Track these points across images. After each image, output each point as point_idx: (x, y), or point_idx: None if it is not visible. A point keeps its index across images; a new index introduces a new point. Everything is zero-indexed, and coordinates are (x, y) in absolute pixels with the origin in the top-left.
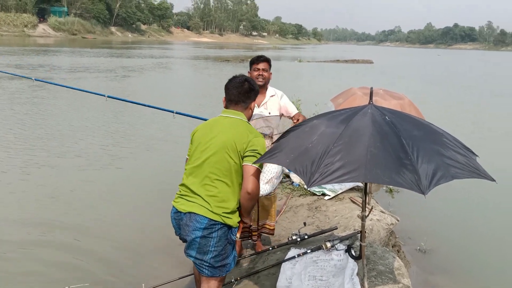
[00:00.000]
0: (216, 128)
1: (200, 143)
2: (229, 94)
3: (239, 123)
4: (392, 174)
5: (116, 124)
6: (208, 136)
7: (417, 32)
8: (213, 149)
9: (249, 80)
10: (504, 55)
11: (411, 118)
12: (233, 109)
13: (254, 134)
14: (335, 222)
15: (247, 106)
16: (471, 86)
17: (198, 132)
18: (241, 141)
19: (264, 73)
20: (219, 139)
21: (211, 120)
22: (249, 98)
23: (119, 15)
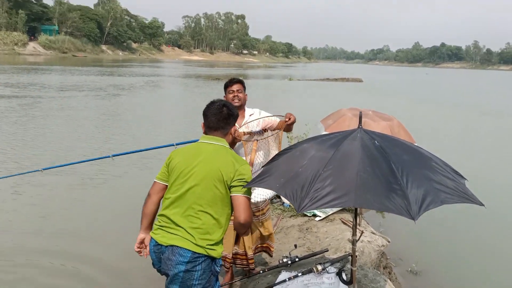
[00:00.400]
0: (199, 156)
1: (182, 171)
2: (208, 121)
3: (223, 151)
4: (382, 199)
5: (108, 143)
6: (190, 164)
7: (405, 51)
8: (197, 178)
9: (228, 105)
10: (491, 73)
11: (400, 142)
12: (213, 136)
13: (240, 162)
14: (326, 244)
15: (227, 132)
16: (459, 104)
17: (177, 159)
18: (228, 170)
19: (239, 94)
20: (204, 168)
21: (191, 146)
22: (228, 124)
23: (110, 33)
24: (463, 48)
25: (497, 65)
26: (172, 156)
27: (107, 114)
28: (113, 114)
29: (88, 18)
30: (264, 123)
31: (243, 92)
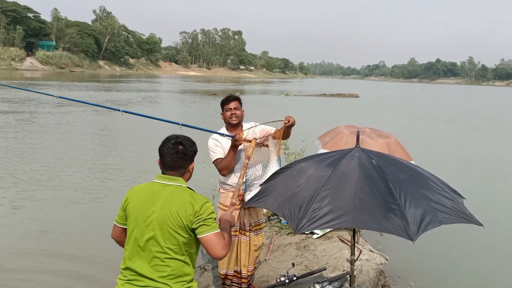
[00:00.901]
0: (156, 201)
1: (138, 217)
2: (164, 160)
3: (181, 192)
4: (380, 219)
5: (106, 157)
6: (147, 210)
7: (401, 66)
8: (156, 226)
9: (183, 141)
10: (486, 89)
11: (397, 161)
12: (170, 175)
13: (199, 202)
14: (324, 262)
15: (184, 171)
16: (455, 120)
17: (133, 203)
18: (186, 213)
19: (236, 111)
20: (162, 214)
21: (146, 186)
22: (186, 161)
23: (108, 49)
24: (458, 64)
25: (492, 81)
26: (128, 198)
27: (104, 129)
28: (110, 129)
29: (86, 34)
30: (261, 133)
31: (240, 108)
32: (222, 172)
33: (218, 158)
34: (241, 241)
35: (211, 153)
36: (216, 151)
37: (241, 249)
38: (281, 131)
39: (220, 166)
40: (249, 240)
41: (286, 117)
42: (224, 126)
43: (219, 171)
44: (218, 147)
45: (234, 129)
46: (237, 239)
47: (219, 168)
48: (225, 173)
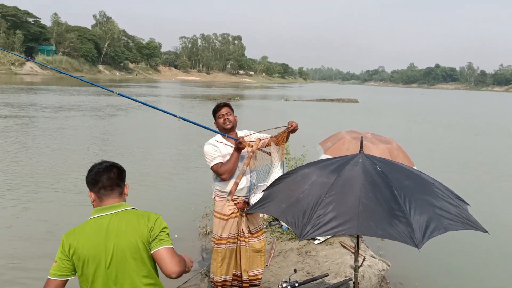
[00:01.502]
0: (108, 235)
1: (95, 258)
2: (99, 184)
3: (129, 216)
4: (385, 226)
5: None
6: (104, 248)
7: (400, 72)
8: (122, 260)
9: (115, 164)
10: (485, 94)
11: (402, 167)
12: (110, 201)
13: (152, 218)
14: (325, 268)
15: (122, 191)
16: (454, 124)
17: (83, 247)
18: (143, 234)
19: (229, 116)
20: (122, 246)
21: (89, 226)
22: (123, 180)
23: (108, 54)
24: (457, 69)
25: (491, 86)
26: (72, 245)
27: (105, 133)
28: (112, 134)
29: (86, 39)
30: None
31: (232, 114)
32: (223, 176)
33: (219, 163)
34: (241, 248)
35: (209, 158)
36: (214, 155)
37: (240, 255)
38: (284, 134)
39: (223, 169)
40: (248, 246)
41: (289, 122)
42: (218, 135)
43: (220, 175)
44: (216, 152)
45: (229, 134)
46: (236, 246)
47: (221, 171)
48: (226, 177)
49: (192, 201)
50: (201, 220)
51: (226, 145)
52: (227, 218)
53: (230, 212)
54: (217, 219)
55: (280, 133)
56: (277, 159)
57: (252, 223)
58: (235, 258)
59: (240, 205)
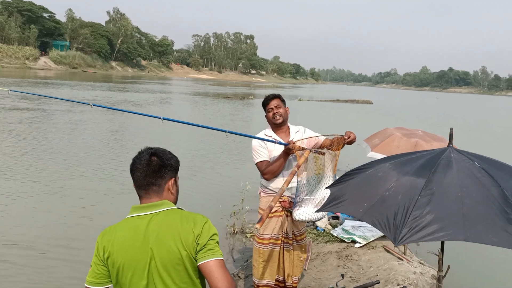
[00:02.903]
0: (147, 239)
1: (131, 266)
2: (135, 179)
3: (172, 218)
4: (498, 232)
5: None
6: (141, 254)
7: (413, 74)
8: (161, 270)
9: (158, 153)
10: (499, 99)
11: (501, 163)
12: (148, 201)
13: (199, 222)
14: (372, 274)
15: (162, 190)
16: (473, 128)
17: (118, 252)
18: (188, 242)
19: (279, 110)
20: (161, 254)
21: (126, 227)
22: (162, 177)
23: (120, 50)
24: (470, 73)
25: (505, 91)
26: (106, 248)
27: (122, 131)
28: (127, 128)
29: (99, 35)
30: (309, 142)
31: (283, 106)
32: (266, 176)
33: (264, 161)
34: (284, 250)
35: (255, 154)
36: (261, 153)
37: (284, 258)
38: (339, 140)
39: (266, 170)
40: (292, 249)
41: (346, 133)
42: (269, 127)
43: (263, 174)
44: (263, 148)
45: (280, 128)
46: (279, 248)
47: (263, 171)
48: (269, 177)
49: (219, 199)
50: (228, 219)
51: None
52: (270, 216)
53: (274, 210)
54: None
55: (336, 138)
56: (330, 169)
57: (297, 226)
58: (278, 261)
59: (285, 204)
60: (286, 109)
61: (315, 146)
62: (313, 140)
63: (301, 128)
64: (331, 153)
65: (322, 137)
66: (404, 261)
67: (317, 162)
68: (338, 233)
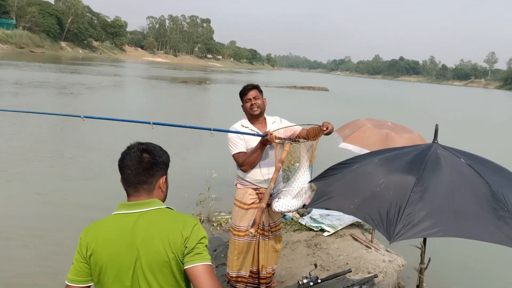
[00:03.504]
0: (133, 238)
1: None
2: (124, 177)
3: (163, 216)
4: (490, 228)
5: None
6: (127, 254)
7: (366, 63)
8: (147, 272)
9: (150, 149)
10: (446, 88)
11: (484, 159)
12: (136, 199)
13: (188, 224)
14: (342, 263)
15: (153, 188)
16: (425, 116)
17: (102, 250)
18: (177, 244)
19: (257, 101)
20: (147, 254)
21: (111, 224)
22: (153, 175)
23: (70, 30)
24: (420, 62)
25: (451, 80)
26: (90, 245)
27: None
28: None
29: (48, 14)
30: (285, 133)
31: (261, 97)
32: (243, 168)
33: (241, 152)
34: (260, 242)
35: (232, 145)
36: (237, 144)
37: (259, 250)
38: (316, 131)
39: (244, 162)
40: (268, 240)
41: (324, 123)
42: (245, 118)
43: (240, 166)
44: (240, 140)
45: (257, 119)
46: (255, 240)
47: (241, 163)
48: (246, 169)
49: (185, 187)
50: (194, 207)
51: (252, 131)
52: (247, 207)
53: (251, 202)
54: (236, 208)
55: (313, 128)
56: (306, 160)
57: (272, 217)
58: (253, 253)
59: (262, 195)
60: (263, 100)
61: (292, 136)
62: (289, 130)
63: (277, 119)
64: (307, 144)
65: (299, 127)
66: (372, 249)
67: (294, 152)
68: (306, 221)
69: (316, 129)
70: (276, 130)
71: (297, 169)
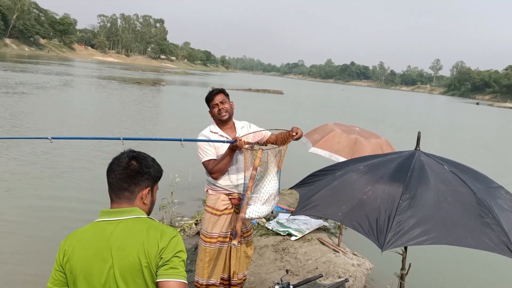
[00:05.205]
0: (109, 247)
1: (91, 276)
2: (109, 181)
3: (140, 226)
4: (477, 235)
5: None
6: (101, 263)
7: (319, 67)
8: (121, 279)
9: (139, 158)
10: (394, 93)
11: (465, 167)
12: (118, 206)
13: (166, 235)
14: (310, 267)
15: (134, 197)
16: (376, 120)
17: (77, 258)
18: (152, 254)
19: (224, 105)
20: (122, 264)
21: (91, 231)
22: (136, 184)
23: (16, 26)
24: (370, 68)
25: (399, 86)
26: (67, 253)
27: (24, 115)
28: (27, 114)
29: None
30: (254, 137)
31: (228, 101)
32: (214, 176)
33: (211, 159)
34: (231, 248)
35: (201, 152)
36: (207, 151)
37: (230, 256)
38: (285, 136)
39: (214, 169)
40: (240, 246)
41: (293, 129)
42: (214, 123)
43: (211, 174)
44: (210, 147)
45: (225, 124)
46: (227, 246)
47: (211, 170)
48: (217, 176)
49: None
50: (157, 212)
51: (221, 137)
52: (219, 214)
53: (224, 208)
54: (208, 214)
55: (281, 133)
56: (274, 165)
57: (244, 223)
58: (224, 259)
59: (235, 201)
60: (231, 104)
61: (261, 141)
62: (258, 135)
63: (246, 124)
64: (275, 149)
65: (268, 132)
66: (340, 253)
67: (261, 158)
68: (273, 226)
69: (285, 134)
70: (245, 135)
71: (265, 175)
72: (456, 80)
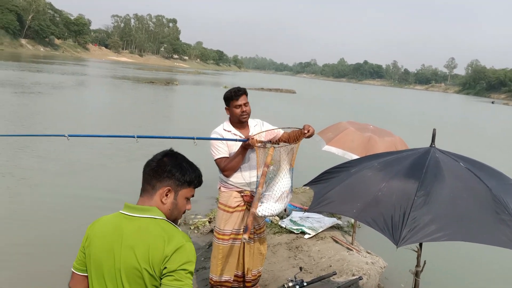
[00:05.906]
0: (121, 241)
1: (102, 265)
2: (142, 173)
3: (152, 227)
4: (493, 231)
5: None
6: (112, 255)
7: (331, 66)
8: (125, 276)
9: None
10: (408, 92)
11: (482, 164)
12: (141, 202)
13: (173, 243)
14: (324, 265)
15: (155, 192)
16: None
17: (95, 244)
18: (155, 260)
19: (247, 108)
20: (126, 261)
21: (112, 221)
22: (157, 179)
23: (31, 27)
24: (383, 67)
25: (413, 85)
26: (89, 236)
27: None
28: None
29: (7, 9)
30: (267, 136)
31: (248, 103)
32: (225, 173)
33: (223, 157)
34: (245, 245)
35: (214, 150)
36: (220, 149)
37: (244, 252)
38: (297, 134)
39: (226, 167)
40: (253, 243)
41: (305, 126)
42: (227, 121)
43: (223, 171)
44: (222, 144)
45: (241, 125)
46: (240, 243)
47: (223, 168)
48: (229, 174)
49: None
50: None
51: (234, 135)
52: (232, 211)
53: (236, 205)
54: (221, 211)
55: (293, 131)
56: (286, 163)
57: (257, 220)
58: (237, 256)
59: (247, 198)
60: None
61: (273, 139)
62: (271, 133)
63: (259, 122)
64: (288, 147)
65: (280, 130)
66: (353, 251)
67: (274, 156)
68: (287, 224)
69: (297, 132)
70: (258, 133)
71: (277, 173)
72: (471, 79)
